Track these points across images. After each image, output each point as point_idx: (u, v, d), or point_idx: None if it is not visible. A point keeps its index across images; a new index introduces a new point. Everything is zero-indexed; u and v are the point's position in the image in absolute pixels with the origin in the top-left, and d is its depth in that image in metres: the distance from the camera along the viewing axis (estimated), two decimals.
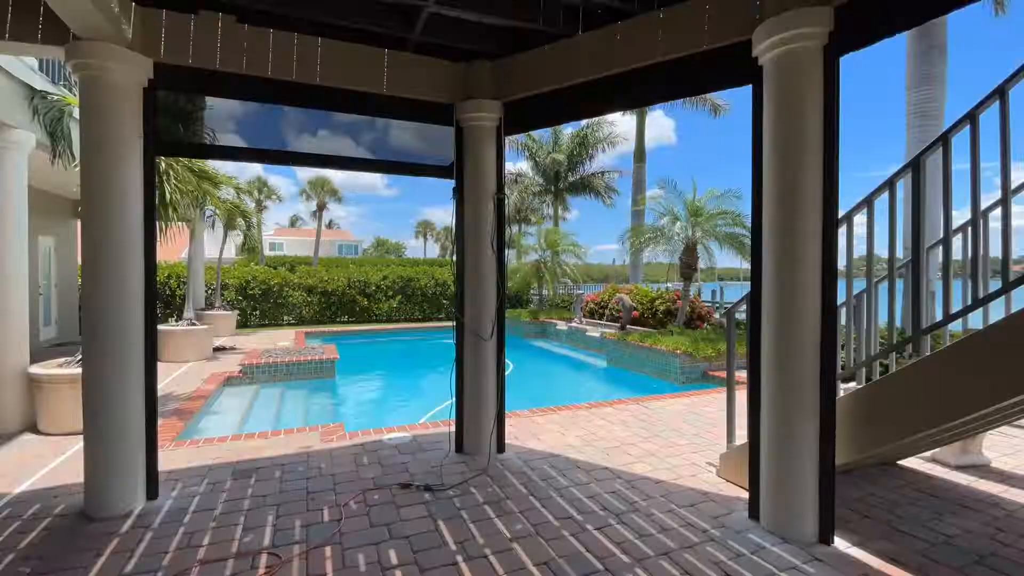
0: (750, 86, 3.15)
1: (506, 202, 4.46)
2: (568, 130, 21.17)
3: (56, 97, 5.33)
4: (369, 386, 9.51)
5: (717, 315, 13.62)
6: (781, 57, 2.88)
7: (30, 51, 3.48)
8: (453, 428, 4.43)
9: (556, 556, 2.78)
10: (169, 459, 4.07)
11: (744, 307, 3.77)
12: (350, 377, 9.33)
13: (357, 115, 4.15)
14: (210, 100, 3.87)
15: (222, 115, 3.89)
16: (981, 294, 2.76)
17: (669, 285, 16.12)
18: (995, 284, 2.73)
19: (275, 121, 4.04)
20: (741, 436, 3.78)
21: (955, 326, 3.29)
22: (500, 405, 4.36)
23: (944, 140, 2.82)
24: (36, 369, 4.81)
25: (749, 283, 3.29)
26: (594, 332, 12.46)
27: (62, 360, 5.10)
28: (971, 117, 2.69)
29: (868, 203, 3.23)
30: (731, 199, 11.79)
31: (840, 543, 2.91)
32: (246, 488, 3.60)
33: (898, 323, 6.05)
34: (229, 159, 4.21)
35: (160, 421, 3.49)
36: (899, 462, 4.16)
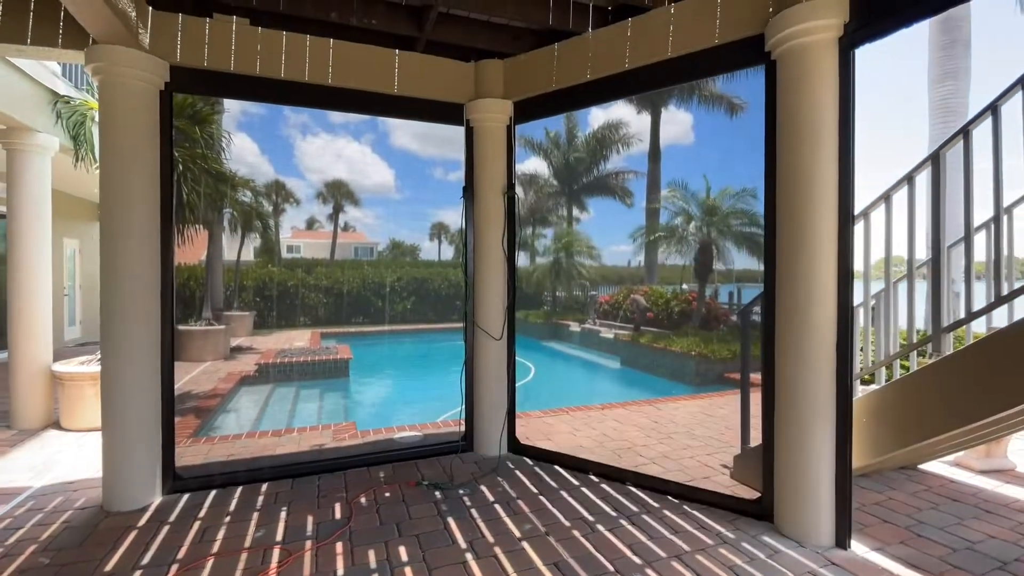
0: (763, 81, 3.10)
1: (521, 203, 4.45)
2: (581, 134, 21.24)
3: (78, 101, 5.46)
4: (382, 386, 9.56)
5: (734, 317, 13.44)
6: (795, 50, 2.82)
7: (51, 56, 3.58)
8: (464, 427, 4.43)
9: (566, 556, 2.75)
10: (186, 455, 4.14)
11: (759, 307, 3.71)
12: (363, 377, 9.40)
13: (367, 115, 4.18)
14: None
15: None
16: (1005, 291, 2.67)
17: (685, 286, 15.94)
18: (1020, 283, 2.65)
19: None
20: (756, 439, 3.72)
21: (978, 326, 3.20)
22: (511, 405, 4.35)
23: (965, 133, 2.75)
24: (58, 367, 4.93)
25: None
26: (608, 333, 12.39)
27: (83, 358, 5.22)
28: (993, 109, 2.61)
29: (886, 198, 3.15)
30: (747, 198, 11.67)
31: (857, 548, 2.84)
32: (259, 485, 3.65)
33: (919, 325, 5.91)
34: None
35: (177, 418, 3.56)
36: (920, 466, 4.05)
